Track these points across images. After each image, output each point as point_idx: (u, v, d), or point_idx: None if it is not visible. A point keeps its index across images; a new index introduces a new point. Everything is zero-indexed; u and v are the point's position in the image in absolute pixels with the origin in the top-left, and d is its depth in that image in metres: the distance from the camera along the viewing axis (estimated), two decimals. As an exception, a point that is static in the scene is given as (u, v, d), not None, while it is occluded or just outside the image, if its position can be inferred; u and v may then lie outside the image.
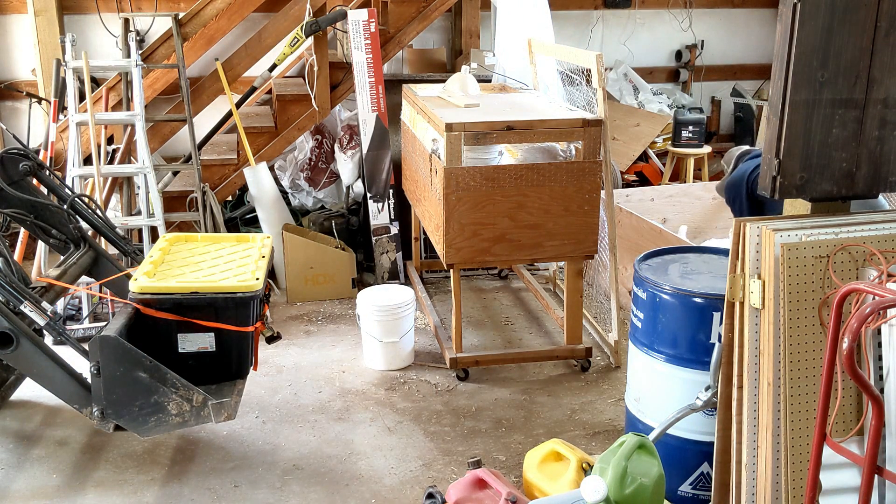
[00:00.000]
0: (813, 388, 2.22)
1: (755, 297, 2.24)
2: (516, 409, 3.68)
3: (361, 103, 4.93)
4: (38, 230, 3.39)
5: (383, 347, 4.00)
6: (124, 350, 2.72)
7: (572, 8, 6.69)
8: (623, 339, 3.85)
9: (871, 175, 2.41)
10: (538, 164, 3.70)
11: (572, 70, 4.38)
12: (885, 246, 2.24)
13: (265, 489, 3.09)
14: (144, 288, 2.89)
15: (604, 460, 2.15)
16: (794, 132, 2.30)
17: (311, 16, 5.00)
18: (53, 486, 3.10)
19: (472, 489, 2.68)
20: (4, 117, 5.80)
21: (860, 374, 1.77)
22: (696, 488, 2.86)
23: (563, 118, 3.75)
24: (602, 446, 3.35)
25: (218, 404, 2.83)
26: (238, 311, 2.93)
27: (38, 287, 3.11)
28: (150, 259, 3.16)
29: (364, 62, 4.87)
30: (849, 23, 2.25)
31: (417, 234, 5.10)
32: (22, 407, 3.62)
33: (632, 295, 3.01)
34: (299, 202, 5.81)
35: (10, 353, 2.80)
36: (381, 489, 3.10)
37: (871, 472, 1.86)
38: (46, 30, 5.30)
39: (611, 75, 6.79)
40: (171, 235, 3.47)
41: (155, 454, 3.30)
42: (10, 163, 3.27)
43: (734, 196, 3.76)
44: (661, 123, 6.35)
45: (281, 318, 4.65)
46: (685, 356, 2.77)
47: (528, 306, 4.84)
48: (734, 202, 3.78)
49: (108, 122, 4.63)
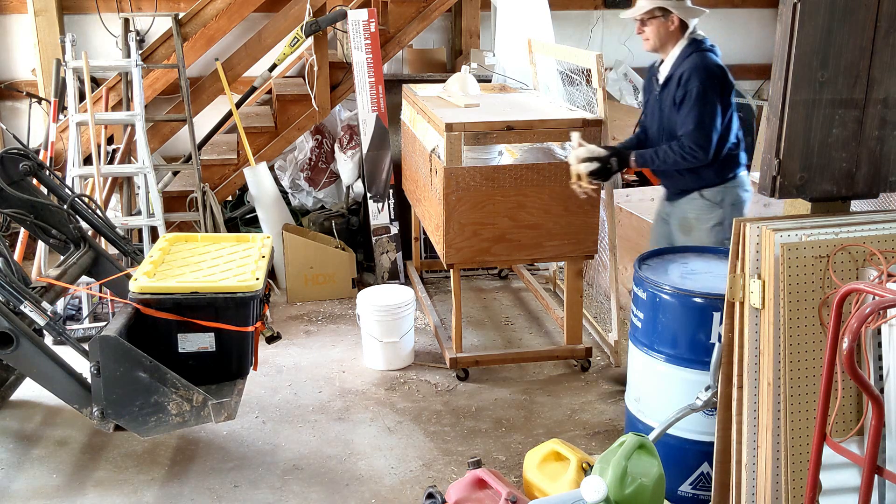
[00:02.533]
0: (813, 388, 2.22)
1: (755, 297, 2.24)
2: (516, 409, 3.68)
3: (361, 103, 4.93)
4: (38, 230, 3.39)
5: (383, 347, 4.00)
6: (124, 350, 2.72)
7: (572, 8, 6.68)
8: (623, 339, 3.85)
9: (871, 175, 2.41)
10: (538, 164, 3.70)
11: (572, 70, 4.38)
12: (885, 246, 2.24)
13: (265, 489, 3.09)
14: (144, 288, 2.89)
15: (604, 460, 2.15)
16: (794, 132, 2.30)
17: (311, 16, 5.00)
18: (53, 486, 3.10)
19: (472, 489, 2.67)
20: (4, 117, 5.80)
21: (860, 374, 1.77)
22: (696, 488, 2.86)
23: (563, 118, 3.75)
24: (602, 446, 3.35)
25: (218, 404, 2.83)
26: (238, 311, 2.93)
27: (38, 287, 3.10)
28: (150, 259, 3.16)
29: (364, 62, 4.87)
30: (849, 23, 2.25)
31: (417, 234, 5.10)
32: (22, 407, 3.62)
33: (632, 295, 3.01)
34: (299, 202, 5.81)
35: (10, 353, 2.80)
36: (381, 489, 3.10)
37: (871, 472, 1.86)
38: (46, 30, 5.30)
39: (611, 75, 6.79)
40: (171, 235, 3.47)
41: (155, 454, 3.30)
42: (10, 163, 3.27)
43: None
44: (661, 123, 6.34)
45: (281, 318, 4.65)
46: (685, 356, 2.77)
47: (528, 306, 4.84)
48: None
49: (108, 122, 4.63)
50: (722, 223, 3.29)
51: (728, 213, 3.30)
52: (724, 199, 3.32)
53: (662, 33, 3.30)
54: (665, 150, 3.28)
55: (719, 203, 3.32)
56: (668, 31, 3.29)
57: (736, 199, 3.35)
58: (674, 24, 3.26)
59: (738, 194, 3.35)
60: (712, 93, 3.17)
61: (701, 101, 3.16)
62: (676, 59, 3.30)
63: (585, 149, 3.43)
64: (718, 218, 3.31)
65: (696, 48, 3.26)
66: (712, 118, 3.18)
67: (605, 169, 3.38)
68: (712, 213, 3.33)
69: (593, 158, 3.38)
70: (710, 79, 3.17)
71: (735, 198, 3.34)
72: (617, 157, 3.38)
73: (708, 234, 3.32)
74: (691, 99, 3.17)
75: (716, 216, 3.32)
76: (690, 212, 3.38)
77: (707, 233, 3.33)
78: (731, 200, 3.33)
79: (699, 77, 3.16)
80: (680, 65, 3.26)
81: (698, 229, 3.35)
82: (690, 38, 3.30)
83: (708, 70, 3.19)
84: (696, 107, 3.17)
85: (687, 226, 3.40)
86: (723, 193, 3.32)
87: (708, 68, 3.19)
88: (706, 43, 3.29)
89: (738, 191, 3.36)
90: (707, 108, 3.16)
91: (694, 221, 3.37)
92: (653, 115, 3.48)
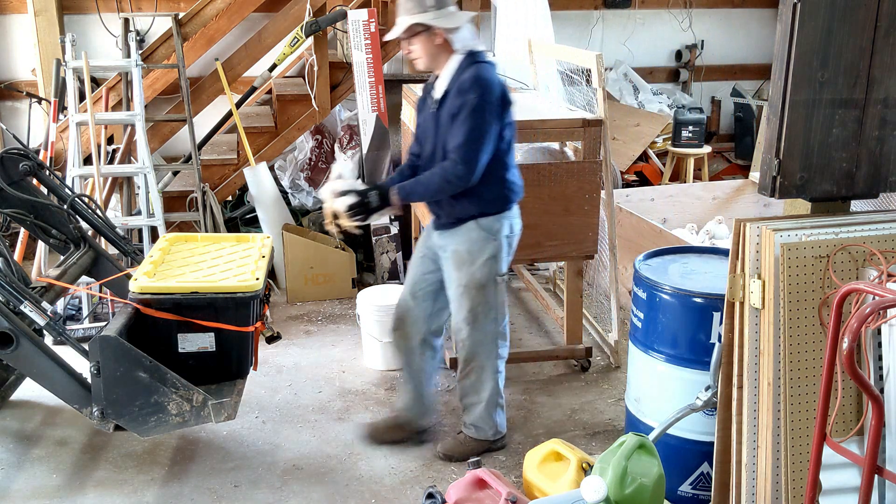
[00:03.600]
0: (813, 388, 2.22)
1: (755, 297, 2.24)
2: (516, 409, 3.68)
3: (361, 103, 4.93)
4: (38, 230, 3.39)
5: (383, 347, 4.00)
6: (124, 350, 2.72)
7: (572, 8, 6.69)
8: (623, 339, 3.85)
9: (871, 175, 2.41)
10: (538, 164, 3.70)
11: (572, 70, 4.38)
12: (885, 246, 2.24)
13: (265, 489, 3.09)
14: (145, 288, 2.89)
15: (604, 460, 2.15)
16: (794, 132, 2.30)
17: (311, 16, 5.00)
18: (53, 486, 3.10)
19: (472, 489, 2.68)
20: (4, 117, 5.80)
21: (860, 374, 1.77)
22: (696, 488, 2.86)
23: (563, 118, 3.75)
24: (602, 446, 3.35)
25: (218, 404, 2.83)
26: (238, 311, 2.93)
27: (38, 287, 3.10)
28: (151, 259, 3.15)
29: (364, 62, 4.87)
30: (849, 23, 2.25)
31: (417, 234, 5.10)
32: (22, 407, 3.62)
33: (632, 295, 3.01)
34: (299, 202, 5.81)
35: (10, 353, 2.80)
36: (381, 489, 3.10)
37: (871, 472, 1.86)
38: (46, 30, 5.30)
39: (611, 75, 6.79)
40: (171, 235, 3.47)
41: (155, 454, 3.30)
42: (10, 163, 3.27)
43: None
44: (661, 123, 6.35)
45: (281, 318, 4.65)
46: (685, 356, 2.77)
47: (528, 306, 4.84)
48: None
49: (108, 122, 4.63)
50: (496, 256, 3.04)
51: (502, 245, 3.05)
52: (501, 229, 3.04)
53: (430, 49, 2.96)
54: (428, 177, 2.96)
55: (495, 234, 3.03)
56: (434, 45, 2.95)
57: (511, 231, 3.09)
58: (440, 36, 2.93)
59: (512, 225, 3.10)
60: (489, 108, 2.87)
61: (475, 114, 2.85)
62: (454, 73, 2.97)
63: (342, 182, 3.05)
64: (493, 250, 3.04)
65: (474, 60, 2.95)
66: (483, 134, 2.87)
67: (364, 204, 2.98)
68: (487, 245, 3.03)
69: (350, 192, 2.99)
70: (488, 93, 2.87)
71: (510, 229, 3.08)
72: (377, 191, 3.00)
73: (481, 269, 3.03)
74: (465, 110, 2.86)
75: (490, 248, 3.03)
76: (463, 244, 3.05)
77: (480, 267, 3.03)
78: (507, 231, 3.07)
79: (477, 90, 2.86)
80: (458, 78, 2.94)
81: (471, 263, 3.04)
82: (467, 50, 2.97)
83: (487, 84, 2.89)
84: (468, 119, 2.85)
85: (459, 259, 3.07)
86: (499, 223, 3.03)
87: (487, 82, 2.89)
88: (483, 56, 2.99)
89: (514, 221, 3.10)
90: (480, 123, 2.86)
91: (466, 255, 3.05)
92: (425, 133, 3.12)
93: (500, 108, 2.92)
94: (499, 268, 3.08)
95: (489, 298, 3.10)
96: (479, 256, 3.04)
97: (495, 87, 2.92)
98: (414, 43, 2.98)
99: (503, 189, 3.05)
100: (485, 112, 2.86)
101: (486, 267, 3.05)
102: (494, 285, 3.09)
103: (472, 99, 2.85)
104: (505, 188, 3.05)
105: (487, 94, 2.87)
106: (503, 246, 3.07)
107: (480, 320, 3.13)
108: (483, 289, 3.08)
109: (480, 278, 3.06)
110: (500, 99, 2.93)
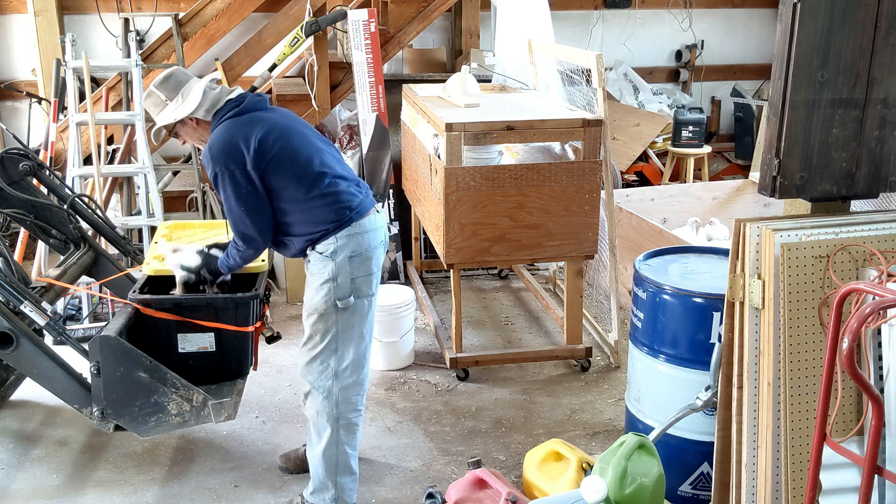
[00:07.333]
0: (813, 388, 2.22)
1: (755, 297, 2.24)
2: (516, 409, 3.68)
3: (361, 103, 4.93)
4: (38, 230, 3.39)
5: (383, 347, 4.00)
6: (124, 350, 2.72)
7: (572, 8, 6.69)
8: (623, 339, 3.85)
9: (871, 175, 2.41)
10: (538, 164, 3.70)
11: (572, 70, 4.38)
12: (885, 246, 2.24)
13: (265, 489, 3.09)
14: (158, 271, 2.98)
15: (604, 460, 2.15)
16: (794, 132, 2.30)
17: (311, 16, 5.00)
18: (53, 486, 3.10)
19: (472, 489, 2.68)
20: (4, 117, 5.80)
21: (860, 374, 1.77)
22: (696, 488, 2.86)
23: (563, 118, 3.75)
24: (602, 446, 3.35)
25: (218, 404, 2.83)
26: (238, 311, 2.93)
27: (38, 287, 3.11)
28: (156, 244, 3.24)
29: (364, 62, 4.87)
30: (849, 23, 2.25)
31: (417, 234, 5.10)
32: (22, 407, 3.62)
33: (632, 295, 3.01)
34: (299, 202, 5.81)
35: (10, 353, 2.80)
36: (381, 489, 3.10)
37: (871, 472, 1.85)
38: (46, 30, 5.30)
39: (611, 75, 6.79)
40: (171, 223, 3.53)
41: (155, 454, 3.30)
42: (10, 163, 3.27)
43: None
44: (661, 123, 6.35)
45: (281, 318, 4.65)
46: (685, 356, 2.77)
47: (528, 306, 4.84)
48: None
49: (108, 122, 4.63)
50: (335, 279, 2.74)
51: (343, 266, 2.74)
52: (338, 250, 2.74)
53: (193, 134, 2.84)
54: (230, 251, 2.85)
55: (331, 255, 2.74)
56: (195, 129, 2.82)
57: (355, 250, 2.76)
58: (191, 121, 2.80)
59: (358, 243, 2.77)
60: (227, 175, 2.65)
61: (221, 189, 2.69)
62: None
63: (182, 254, 2.96)
64: (330, 273, 2.74)
65: (218, 123, 2.75)
66: (236, 204, 2.67)
67: (201, 281, 2.93)
68: (325, 267, 2.75)
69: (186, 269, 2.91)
70: (220, 161, 2.65)
71: (354, 248, 2.76)
72: (208, 266, 2.91)
73: (317, 293, 2.76)
74: (218, 189, 2.72)
75: (327, 271, 2.74)
76: (307, 267, 2.85)
77: (316, 291, 2.77)
78: (349, 252, 2.75)
79: (210, 165, 2.68)
80: None
81: (310, 286, 2.81)
82: (213, 114, 2.78)
83: (216, 152, 2.66)
84: (221, 195, 2.71)
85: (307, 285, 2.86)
86: (335, 244, 2.74)
87: (217, 149, 2.67)
88: (224, 111, 2.75)
89: (359, 238, 2.78)
90: (228, 196, 2.68)
91: (309, 277, 2.83)
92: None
93: (241, 164, 2.65)
94: (338, 294, 2.75)
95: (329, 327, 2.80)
96: (317, 279, 2.79)
97: (227, 148, 2.66)
98: (180, 136, 2.88)
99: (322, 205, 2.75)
100: (226, 183, 2.67)
101: (324, 290, 2.76)
102: (336, 311, 2.77)
103: (211, 175, 2.69)
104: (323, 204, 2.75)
105: (220, 163, 2.65)
106: (342, 268, 2.75)
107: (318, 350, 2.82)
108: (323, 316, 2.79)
109: (317, 302, 2.79)
110: (237, 155, 2.65)
